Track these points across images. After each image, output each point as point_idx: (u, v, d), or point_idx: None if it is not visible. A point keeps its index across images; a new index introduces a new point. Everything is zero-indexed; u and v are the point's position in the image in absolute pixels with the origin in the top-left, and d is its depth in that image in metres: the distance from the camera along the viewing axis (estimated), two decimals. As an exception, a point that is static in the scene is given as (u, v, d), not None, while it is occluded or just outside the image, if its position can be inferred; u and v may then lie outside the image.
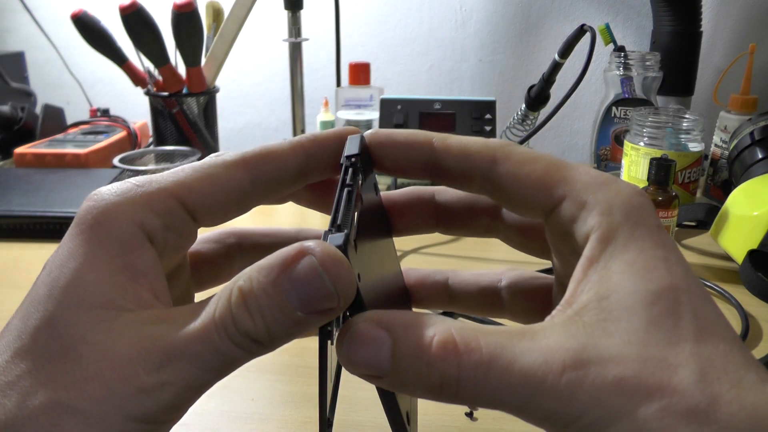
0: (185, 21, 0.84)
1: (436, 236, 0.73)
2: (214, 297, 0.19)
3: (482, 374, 0.18)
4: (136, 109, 1.17)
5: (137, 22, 0.83)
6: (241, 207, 0.22)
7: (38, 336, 0.18)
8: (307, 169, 0.23)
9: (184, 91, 0.91)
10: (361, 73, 0.94)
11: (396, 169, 0.23)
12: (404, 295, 0.26)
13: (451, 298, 0.27)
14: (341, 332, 0.19)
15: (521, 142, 0.83)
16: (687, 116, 0.80)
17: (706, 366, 0.17)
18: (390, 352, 0.19)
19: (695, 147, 0.78)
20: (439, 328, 0.18)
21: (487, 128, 0.86)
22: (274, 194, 0.23)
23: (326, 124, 0.97)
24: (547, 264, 0.30)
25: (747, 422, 0.17)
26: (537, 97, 0.92)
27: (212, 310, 0.18)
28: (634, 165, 0.80)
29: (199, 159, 0.24)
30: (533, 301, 0.26)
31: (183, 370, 0.18)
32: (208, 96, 0.94)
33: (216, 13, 0.95)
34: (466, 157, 0.22)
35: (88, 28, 0.86)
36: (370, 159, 0.23)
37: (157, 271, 0.20)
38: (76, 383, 0.18)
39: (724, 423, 0.17)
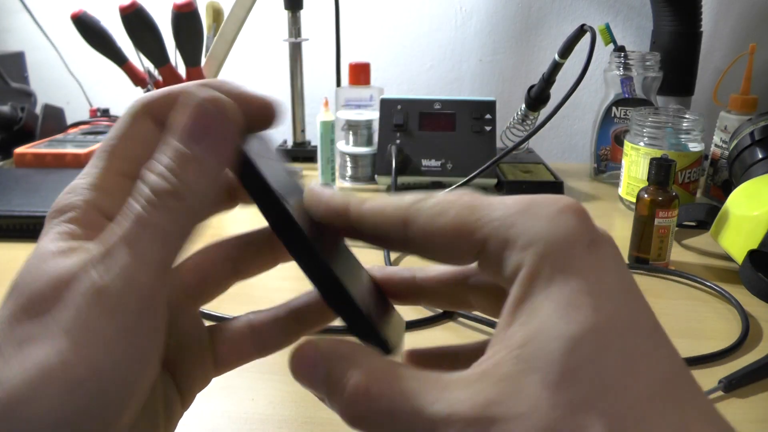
0: (185, 21, 0.84)
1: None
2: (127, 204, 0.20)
3: (388, 420, 0.18)
4: (136, 109, 1.17)
5: (137, 22, 0.83)
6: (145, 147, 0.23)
7: (10, 294, 0.19)
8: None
9: (184, 91, 0.91)
10: (361, 73, 0.94)
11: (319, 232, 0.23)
12: (378, 290, 0.26)
13: (419, 292, 0.26)
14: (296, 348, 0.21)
15: (521, 143, 0.83)
16: (687, 116, 0.80)
17: (619, 427, 0.16)
18: (324, 381, 0.20)
19: (695, 147, 0.78)
20: (357, 370, 0.19)
21: (487, 128, 0.86)
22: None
23: (326, 124, 0.97)
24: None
25: None
26: (537, 97, 0.92)
27: (132, 202, 0.20)
28: (634, 165, 0.80)
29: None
30: (497, 299, 0.24)
31: (133, 253, 0.19)
32: (208, 96, 0.94)
33: (216, 13, 0.95)
34: (379, 224, 0.22)
35: (88, 28, 0.86)
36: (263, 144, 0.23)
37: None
38: (43, 310, 0.18)
39: None
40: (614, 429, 0.16)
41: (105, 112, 1.10)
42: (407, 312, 0.55)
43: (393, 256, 0.67)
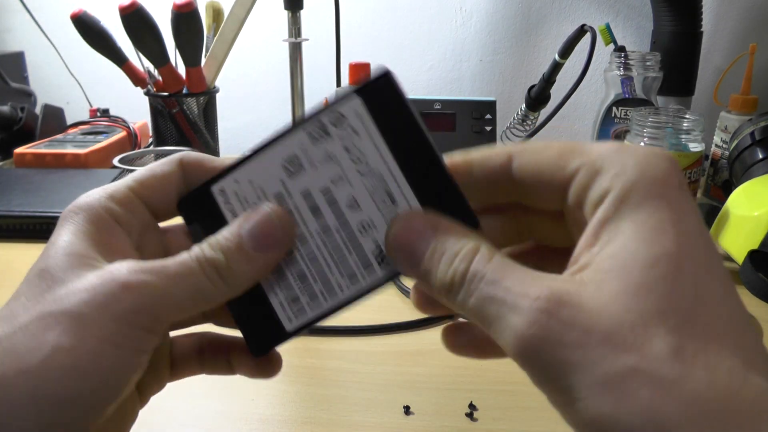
0: (185, 21, 0.84)
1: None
2: (181, 254, 0.24)
3: (476, 284, 0.20)
4: (136, 109, 1.16)
5: (137, 22, 0.83)
6: (178, 194, 0.26)
7: (30, 282, 0.22)
8: None
9: (184, 91, 0.91)
10: (361, 73, 0.94)
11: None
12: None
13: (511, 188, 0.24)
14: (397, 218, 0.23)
15: (521, 142, 0.83)
16: (687, 116, 0.79)
17: (685, 343, 0.17)
18: (428, 254, 0.22)
19: (695, 147, 0.78)
20: (464, 252, 0.21)
21: (487, 128, 0.86)
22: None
23: (326, 124, 0.97)
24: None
25: (711, 404, 0.16)
26: (537, 98, 0.92)
27: (185, 253, 0.23)
28: (635, 165, 0.80)
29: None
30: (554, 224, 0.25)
31: (168, 283, 0.22)
32: (208, 96, 0.94)
33: (216, 13, 0.95)
34: (487, 163, 0.24)
35: (88, 28, 0.86)
36: None
37: (127, 246, 0.24)
38: (64, 297, 0.21)
39: (684, 402, 0.16)
40: (676, 346, 0.17)
41: (105, 112, 1.10)
42: (408, 312, 0.55)
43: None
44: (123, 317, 0.21)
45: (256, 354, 0.27)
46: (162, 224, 0.27)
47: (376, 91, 0.23)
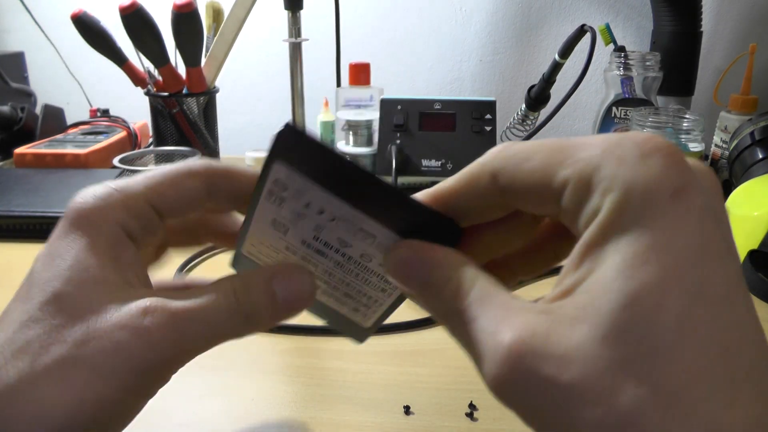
0: (185, 21, 0.84)
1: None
2: (207, 287, 0.23)
3: (457, 324, 0.20)
4: (136, 109, 1.16)
5: (137, 22, 0.83)
6: (199, 210, 0.26)
7: (46, 308, 0.21)
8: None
9: (184, 91, 0.91)
10: (361, 73, 0.94)
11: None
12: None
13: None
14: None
15: (521, 142, 0.83)
16: (687, 116, 0.79)
17: (656, 393, 0.16)
18: (423, 283, 0.22)
19: (695, 147, 0.78)
20: (455, 282, 0.21)
21: (487, 128, 0.86)
22: (228, 205, 0.26)
23: (326, 124, 0.97)
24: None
25: None
26: (537, 98, 0.92)
27: (212, 290, 0.23)
28: (635, 165, 0.80)
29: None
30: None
31: (188, 329, 0.22)
32: (208, 96, 0.94)
33: (216, 13, 0.95)
34: (471, 188, 0.22)
35: (88, 28, 0.86)
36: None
37: (139, 262, 0.24)
38: (86, 341, 0.20)
39: None
40: (651, 396, 0.16)
41: (105, 112, 1.10)
42: (408, 312, 0.55)
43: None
44: (146, 372, 0.21)
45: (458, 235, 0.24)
46: None
47: (288, 148, 0.22)
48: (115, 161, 0.79)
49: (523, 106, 0.95)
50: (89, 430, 0.20)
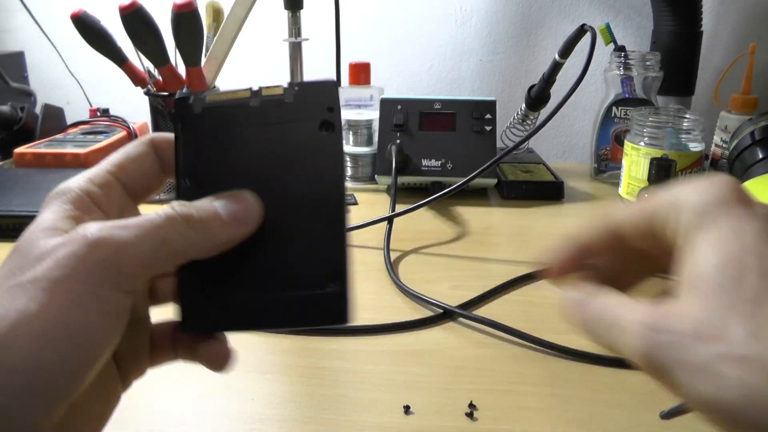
0: (185, 21, 0.84)
1: (436, 236, 0.73)
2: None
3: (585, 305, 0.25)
4: (136, 109, 1.16)
5: (137, 22, 0.83)
6: (157, 180, 0.28)
7: (4, 261, 0.23)
8: None
9: (185, 91, 0.91)
10: (361, 73, 0.94)
11: None
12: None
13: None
14: None
15: (521, 142, 0.83)
16: (687, 116, 0.79)
17: (759, 326, 0.20)
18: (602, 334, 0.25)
19: (696, 147, 0.78)
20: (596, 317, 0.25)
21: (488, 128, 0.86)
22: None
23: (326, 124, 0.97)
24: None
25: None
26: (537, 97, 0.92)
27: (154, 212, 0.24)
28: (635, 165, 0.80)
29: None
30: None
31: (134, 235, 0.23)
32: (208, 96, 0.94)
33: (216, 13, 0.95)
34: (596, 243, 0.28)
35: (87, 28, 0.86)
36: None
37: (101, 219, 0.25)
38: (33, 264, 0.22)
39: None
40: (753, 329, 0.20)
41: (105, 112, 1.10)
42: (408, 312, 0.55)
43: (392, 255, 0.67)
44: (88, 277, 0.21)
45: (184, 329, 0.26)
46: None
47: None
48: (115, 161, 0.79)
49: (523, 105, 0.95)
50: (41, 347, 0.20)
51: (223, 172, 0.26)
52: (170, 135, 0.27)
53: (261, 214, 0.26)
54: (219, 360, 0.27)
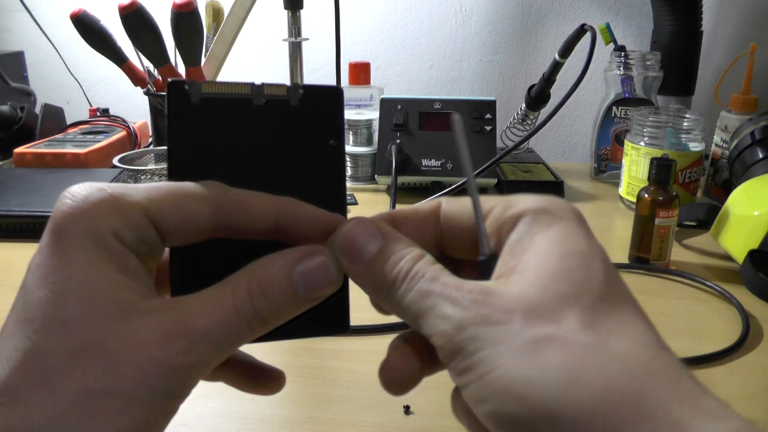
0: (185, 21, 0.84)
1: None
2: (222, 287, 0.22)
3: (417, 281, 0.22)
4: (136, 108, 1.17)
5: (137, 21, 0.83)
6: (202, 237, 0.23)
7: (52, 334, 0.19)
8: (278, 229, 0.24)
9: (184, 90, 0.91)
10: (361, 73, 0.94)
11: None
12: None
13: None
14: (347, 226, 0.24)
15: (521, 142, 0.83)
16: (687, 116, 0.79)
17: (599, 320, 0.19)
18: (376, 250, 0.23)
19: (696, 147, 0.78)
20: (409, 258, 0.23)
21: (487, 128, 0.86)
22: (236, 236, 0.24)
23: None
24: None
25: (626, 367, 0.18)
26: (537, 97, 0.92)
27: (229, 298, 0.21)
28: (635, 165, 0.80)
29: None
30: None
31: (207, 350, 0.21)
32: (208, 96, 0.94)
33: (216, 13, 0.95)
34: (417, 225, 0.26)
35: (87, 27, 0.86)
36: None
37: (143, 271, 0.22)
38: (108, 370, 0.19)
39: (599, 364, 0.18)
40: (591, 321, 0.19)
41: (105, 112, 1.10)
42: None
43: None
44: (172, 394, 0.20)
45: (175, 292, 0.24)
46: None
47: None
48: (115, 161, 0.79)
49: (523, 105, 0.95)
50: None
51: (221, 174, 0.24)
52: (248, 197, 0.24)
53: (341, 279, 0.23)
54: (278, 380, 0.28)
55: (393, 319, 0.57)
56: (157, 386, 0.20)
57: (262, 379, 0.28)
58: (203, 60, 0.91)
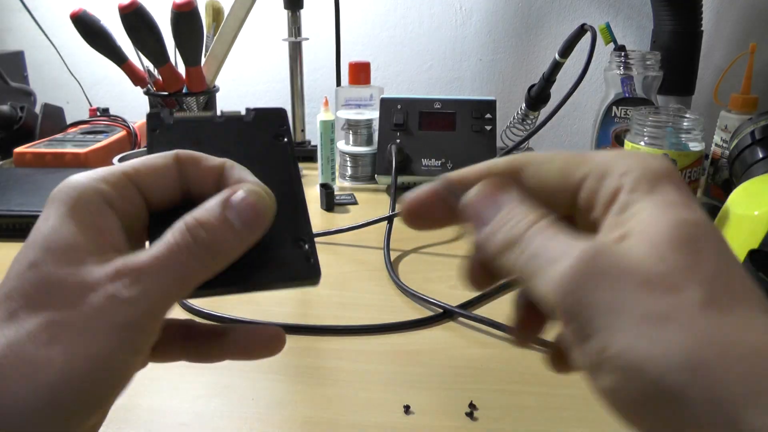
0: (185, 20, 0.84)
1: (436, 236, 0.73)
2: (165, 235, 0.23)
3: (530, 241, 0.22)
4: (135, 108, 1.17)
5: (137, 21, 0.83)
6: (174, 194, 0.27)
7: (24, 277, 0.22)
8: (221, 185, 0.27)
9: (184, 90, 0.91)
10: (361, 73, 0.94)
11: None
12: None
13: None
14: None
15: (522, 142, 0.83)
16: (687, 116, 0.79)
17: (717, 296, 0.18)
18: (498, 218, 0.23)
19: (696, 146, 0.78)
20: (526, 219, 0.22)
21: (488, 128, 0.86)
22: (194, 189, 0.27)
23: (326, 124, 0.97)
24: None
25: (747, 350, 0.17)
26: (537, 97, 0.92)
27: (169, 236, 0.23)
28: (635, 164, 0.80)
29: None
30: None
31: (157, 282, 0.22)
32: (207, 96, 0.94)
33: (216, 13, 0.95)
34: (492, 173, 0.25)
35: (87, 27, 0.86)
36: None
37: (117, 228, 0.24)
38: (66, 305, 0.21)
39: (720, 347, 0.17)
40: (710, 297, 0.18)
41: (105, 112, 1.10)
42: (408, 312, 0.55)
43: (392, 255, 0.67)
44: (128, 328, 0.22)
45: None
46: None
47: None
48: (115, 160, 0.79)
49: (523, 105, 0.95)
50: (85, 386, 0.21)
51: None
52: (198, 154, 0.27)
53: (274, 210, 0.26)
54: (278, 341, 0.28)
55: (393, 318, 0.57)
56: (113, 319, 0.21)
57: (260, 341, 0.28)
58: (203, 60, 0.91)
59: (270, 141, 0.31)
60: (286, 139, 0.31)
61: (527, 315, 0.26)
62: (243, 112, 0.31)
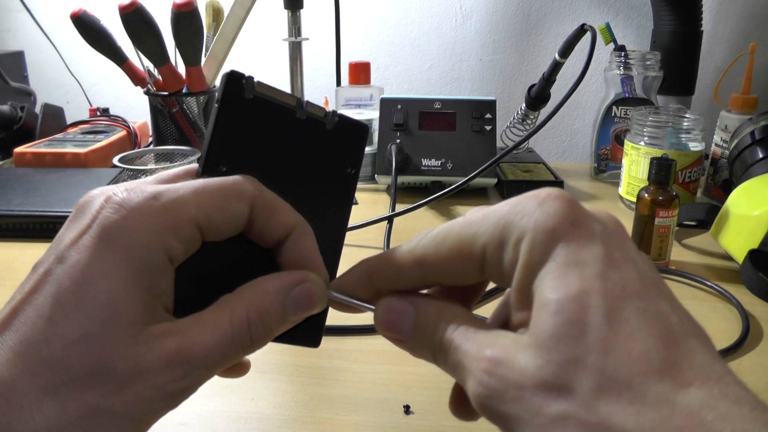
0: (185, 20, 0.84)
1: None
2: (220, 312, 0.23)
3: (446, 353, 0.22)
4: (136, 108, 1.17)
5: (137, 21, 0.83)
6: (233, 234, 0.25)
7: (73, 349, 0.20)
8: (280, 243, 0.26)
9: (184, 90, 0.91)
10: (361, 73, 0.94)
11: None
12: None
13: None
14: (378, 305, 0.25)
15: (521, 142, 0.83)
16: (687, 116, 0.79)
17: (604, 380, 0.18)
18: (412, 323, 0.24)
19: (696, 146, 0.78)
20: (446, 325, 0.23)
21: (488, 127, 0.86)
22: (252, 237, 0.25)
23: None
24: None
25: None
26: (537, 97, 0.92)
27: (228, 326, 0.23)
28: (635, 164, 0.80)
29: (199, 159, 0.26)
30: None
31: (202, 376, 0.22)
32: (208, 95, 0.94)
33: (216, 13, 0.95)
34: (401, 278, 0.25)
35: (87, 27, 0.86)
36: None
37: (170, 288, 0.23)
38: (113, 392, 0.20)
39: None
40: (597, 385, 0.18)
41: (105, 112, 1.10)
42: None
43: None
44: (162, 413, 0.22)
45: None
46: None
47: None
48: (115, 160, 0.79)
49: (523, 105, 0.95)
50: None
51: (249, 169, 0.25)
52: (274, 203, 0.25)
53: (326, 300, 0.26)
54: (243, 367, 0.30)
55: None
56: (152, 409, 0.21)
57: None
58: (203, 60, 0.91)
59: (339, 166, 0.29)
60: (353, 171, 0.29)
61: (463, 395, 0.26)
62: (327, 111, 0.28)
